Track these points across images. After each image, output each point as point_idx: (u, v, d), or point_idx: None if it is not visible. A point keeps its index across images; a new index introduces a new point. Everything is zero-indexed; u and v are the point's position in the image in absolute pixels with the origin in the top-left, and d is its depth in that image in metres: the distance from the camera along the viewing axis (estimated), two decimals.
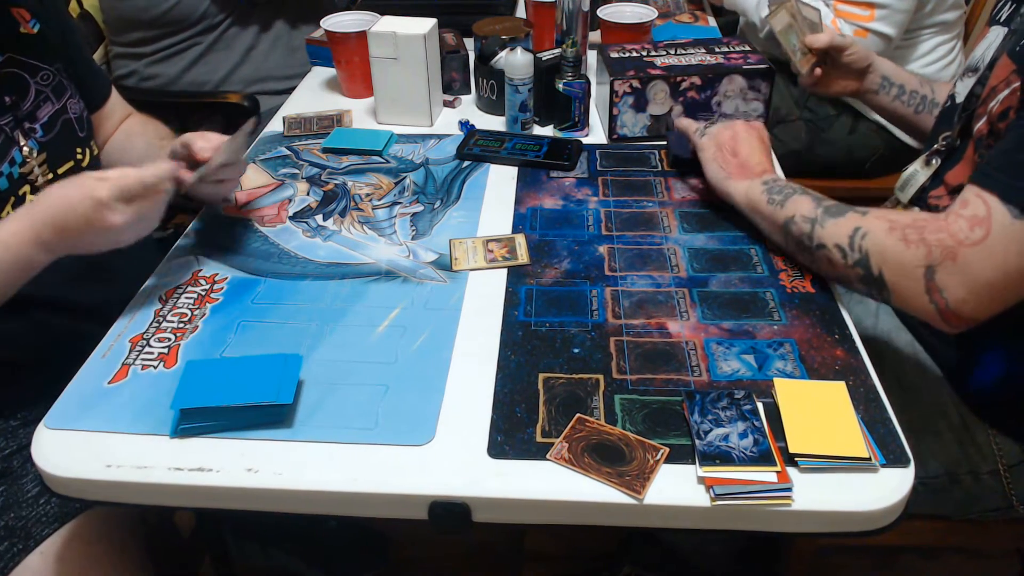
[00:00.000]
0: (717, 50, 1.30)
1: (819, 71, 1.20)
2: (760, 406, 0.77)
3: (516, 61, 1.24)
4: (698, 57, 1.28)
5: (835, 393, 0.78)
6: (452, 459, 0.74)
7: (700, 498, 0.70)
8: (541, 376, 0.82)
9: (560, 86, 1.25)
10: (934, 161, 0.97)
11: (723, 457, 0.72)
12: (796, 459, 0.72)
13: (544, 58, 1.31)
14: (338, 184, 1.18)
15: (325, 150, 1.27)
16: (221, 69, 1.73)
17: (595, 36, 1.53)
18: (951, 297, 0.77)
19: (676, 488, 0.71)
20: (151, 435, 0.77)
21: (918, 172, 0.99)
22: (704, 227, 1.05)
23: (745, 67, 1.24)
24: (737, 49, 1.30)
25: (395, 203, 1.13)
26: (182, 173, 0.92)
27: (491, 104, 1.37)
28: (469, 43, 1.47)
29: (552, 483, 0.72)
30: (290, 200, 1.14)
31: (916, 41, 1.65)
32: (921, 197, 0.98)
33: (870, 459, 0.72)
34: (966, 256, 0.75)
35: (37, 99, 1.00)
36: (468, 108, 1.41)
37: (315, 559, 1.32)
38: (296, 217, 1.10)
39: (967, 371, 0.97)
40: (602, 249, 1.02)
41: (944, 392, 0.99)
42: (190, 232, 1.07)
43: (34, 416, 0.79)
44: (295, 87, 1.52)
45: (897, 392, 0.98)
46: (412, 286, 0.96)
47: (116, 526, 0.95)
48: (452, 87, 1.44)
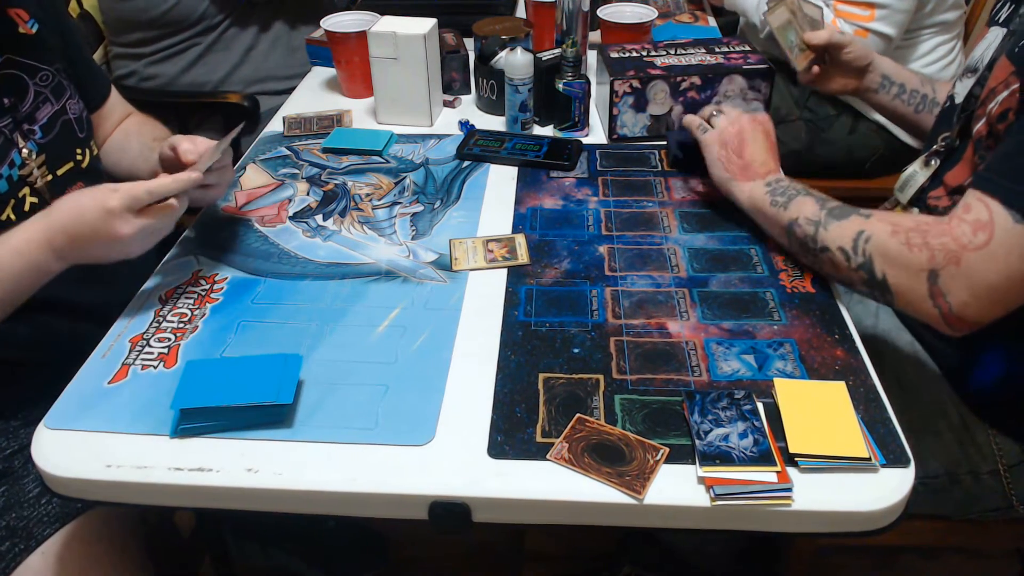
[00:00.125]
0: (717, 50, 1.30)
1: (817, 69, 1.19)
2: (760, 406, 0.77)
3: (516, 61, 1.24)
4: (698, 57, 1.28)
5: (835, 393, 0.78)
6: (452, 459, 0.74)
7: (700, 498, 0.70)
8: (541, 376, 0.82)
9: (560, 86, 1.25)
10: (933, 162, 0.97)
11: (723, 457, 0.72)
12: (796, 459, 0.72)
13: (544, 58, 1.31)
14: (338, 184, 1.18)
15: (325, 150, 1.27)
16: (221, 69, 1.73)
17: (595, 36, 1.53)
18: (954, 301, 0.77)
19: (676, 488, 0.71)
20: (151, 435, 0.77)
21: (917, 173, 0.99)
22: (704, 227, 1.05)
23: (745, 67, 1.24)
24: (737, 49, 1.30)
25: (395, 203, 1.13)
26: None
27: (491, 104, 1.37)
28: (469, 43, 1.47)
29: (552, 483, 0.72)
30: (290, 200, 1.14)
31: (916, 41, 1.65)
32: (920, 198, 0.98)
33: (870, 459, 0.72)
34: (969, 260, 0.75)
35: (36, 100, 0.99)
36: (468, 108, 1.41)
37: (315, 559, 1.32)
38: (296, 217, 1.10)
39: (967, 371, 0.97)
40: (602, 249, 1.02)
41: (944, 392, 0.99)
42: (190, 232, 1.07)
43: (35, 416, 0.79)
44: (295, 87, 1.52)
45: (897, 392, 0.98)
46: (412, 286, 0.96)
47: (117, 527, 0.95)
48: (452, 87, 1.44)
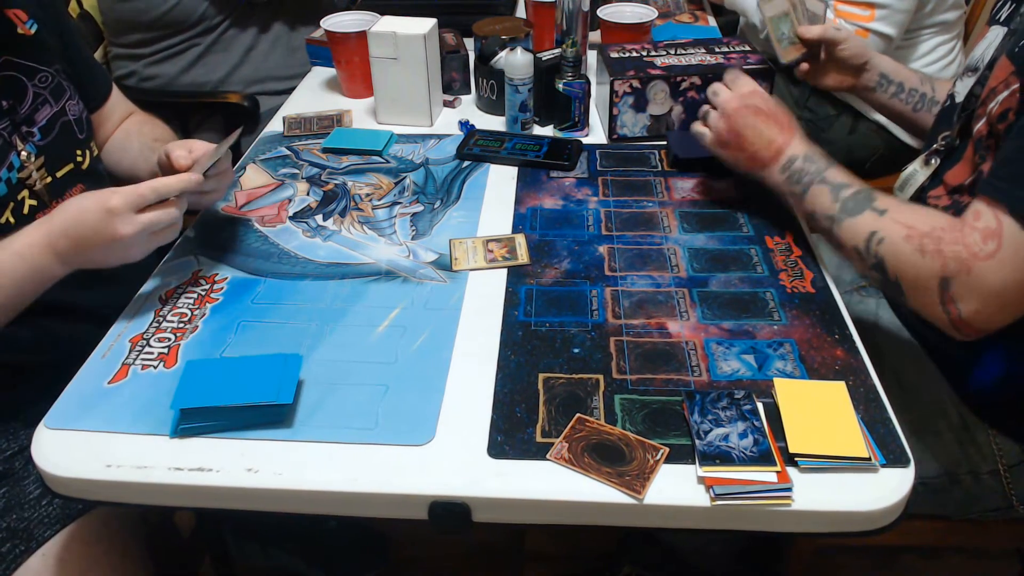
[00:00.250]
0: (717, 50, 1.30)
1: (806, 66, 1.18)
2: (760, 406, 0.77)
3: (516, 61, 1.24)
4: (698, 57, 1.28)
5: (835, 393, 0.78)
6: (452, 459, 0.74)
7: (700, 498, 0.70)
8: (541, 376, 0.82)
9: (560, 86, 1.25)
10: (933, 161, 0.97)
11: (723, 457, 0.72)
12: (796, 459, 0.72)
13: (544, 58, 1.31)
14: (338, 184, 1.18)
15: (325, 150, 1.27)
16: (220, 69, 1.73)
17: (595, 36, 1.53)
18: (964, 308, 0.77)
19: (676, 488, 0.71)
20: (151, 435, 0.77)
21: (917, 172, 0.99)
22: (704, 227, 1.05)
23: (745, 67, 1.24)
24: (737, 49, 1.30)
25: (395, 203, 1.13)
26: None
27: (491, 104, 1.37)
28: (469, 43, 1.47)
29: (552, 483, 0.72)
30: (290, 200, 1.14)
31: (916, 41, 1.65)
32: (920, 197, 0.98)
33: (870, 459, 0.72)
34: (980, 269, 0.76)
35: (35, 102, 0.99)
36: (468, 108, 1.41)
37: (315, 559, 1.32)
38: (296, 217, 1.10)
39: (967, 371, 0.97)
40: (602, 249, 1.02)
41: (944, 392, 0.99)
42: (190, 232, 1.07)
43: (35, 418, 0.79)
44: (295, 87, 1.52)
45: (897, 392, 0.98)
46: (412, 286, 0.96)
47: (117, 528, 0.95)
48: (452, 87, 1.44)
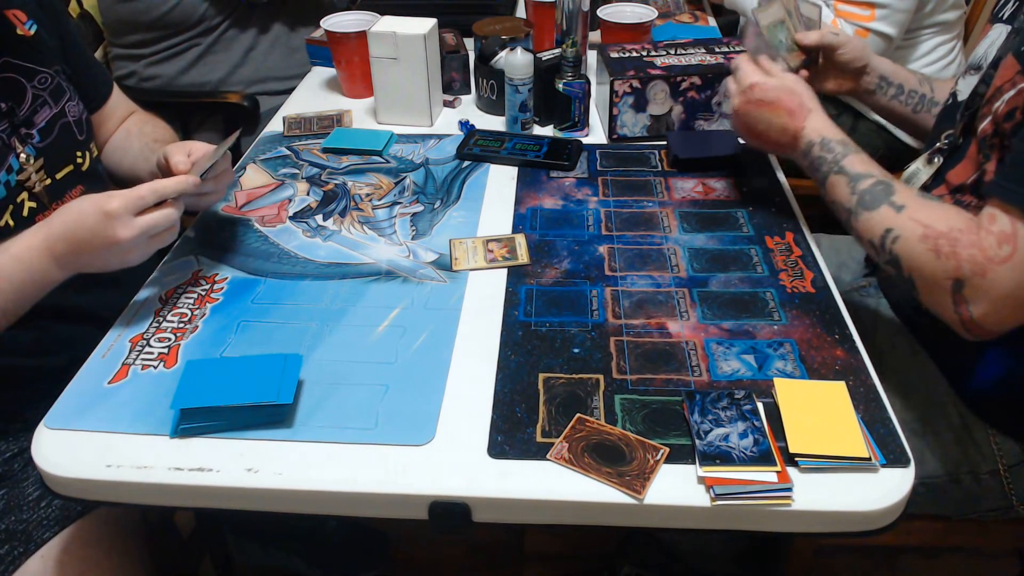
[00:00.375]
0: (717, 50, 1.30)
1: (806, 72, 1.16)
2: (760, 406, 0.77)
3: (516, 61, 1.24)
4: (698, 57, 1.28)
5: (835, 393, 0.78)
6: (452, 459, 0.74)
7: (700, 498, 0.70)
8: (541, 376, 0.82)
9: (560, 86, 1.25)
10: (936, 159, 0.97)
11: (723, 457, 0.72)
12: (796, 459, 0.72)
13: (544, 58, 1.31)
14: (338, 184, 1.18)
15: (325, 150, 1.27)
16: (220, 70, 1.73)
17: (595, 36, 1.53)
18: (976, 311, 0.77)
19: (676, 488, 0.71)
20: (151, 435, 0.77)
21: (920, 170, 0.98)
22: (704, 227, 1.05)
23: None
24: (737, 49, 1.30)
25: (395, 203, 1.13)
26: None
27: (491, 104, 1.37)
28: (469, 43, 1.47)
29: (552, 483, 0.72)
30: (290, 200, 1.14)
31: (916, 41, 1.65)
32: None
33: (870, 459, 0.72)
34: (995, 273, 0.76)
35: (34, 104, 0.98)
36: (468, 108, 1.41)
37: (315, 559, 1.32)
38: (296, 217, 1.10)
39: (967, 371, 0.97)
40: (602, 249, 1.02)
41: (944, 392, 0.99)
42: (190, 232, 1.07)
43: (34, 420, 0.79)
44: (295, 87, 1.52)
45: (897, 392, 0.98)
46: (412, 286, 0.96)
47: (117, 529, 0.94)
48: (452, 87, 1.44)
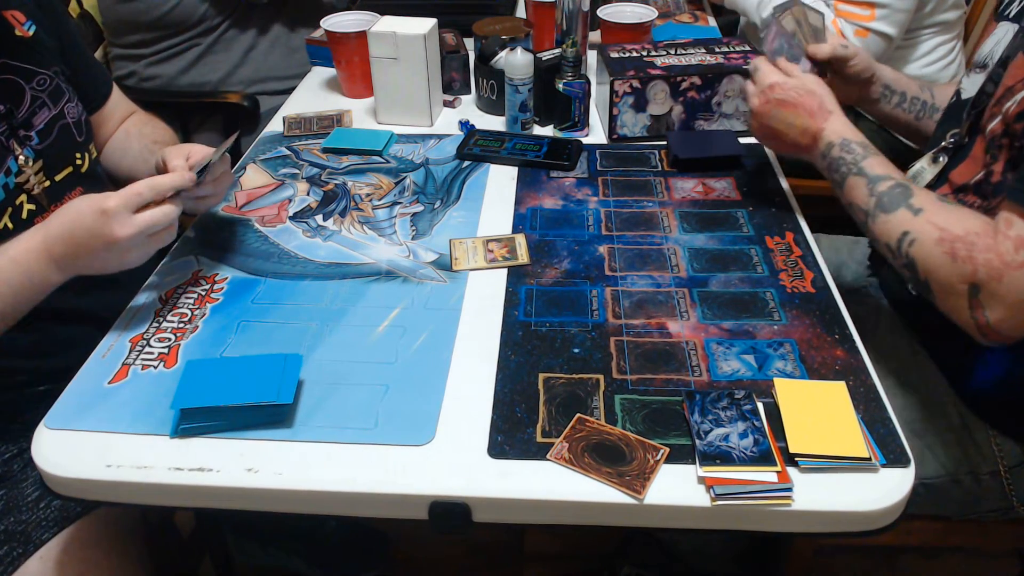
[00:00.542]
0: (717, 50, 1.30)
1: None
2: (760, 406, 0.77)
3: (516, 61, 1.24)
4: (698, 57, 1.28)
5: (835, 393, 0.78)
6: (452, 459, 0.74)
7: (700, 498, 0.70)
8: (541, 376, 0.82)
9: (560, 86, 1.25)
10: (941, 158, 0.96)
11: (723, 457, 0.72)
12: (796, 459, 0.72)
13: (544, 58, 1.31)
14: (338, 184, 1.18)
15: (325, 150, 1.27)
16: (221, 69, 1.73)
17: (595, 36, 1.53)
18: (992, 316, 0.77)
19: (676, 488, 0.71)
20: (151, 435, 0.77)
21: (925, 170, 0.98)
22: (704, 227, 1.05)
23: (745, 67, 1.24)
24: (737, 49, 1.30)
25: (395, 203, 1.13)
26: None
27: (491, 104, 1.37)
28: (469, 43, 1.47)
29: (552, 483, 0.72)
30: (290, 200, 1.14)
31: (916, 41, 1.65)
32: None
33: (870, 459, 0.72)
34: (1012, 278, 0.75)
35: (33, 105, 0.98)
36: (468, 108, 1.41)
37: (315, 559, 1.32)
38: (296, 217, 1.10)
39: (968, 371, 0.97)
40: (602, 249, 1.02)
41: (944, 392, 0.99)
42: (190, 232, 1.07)
43: (34, 420, 0.79)
44: (295, 87, 1.52)
45: (897, 392, 0.98)
46: (412, 286, 0.96)
47: (116, 530, 0.94)
48: (452, 87, 1.44)
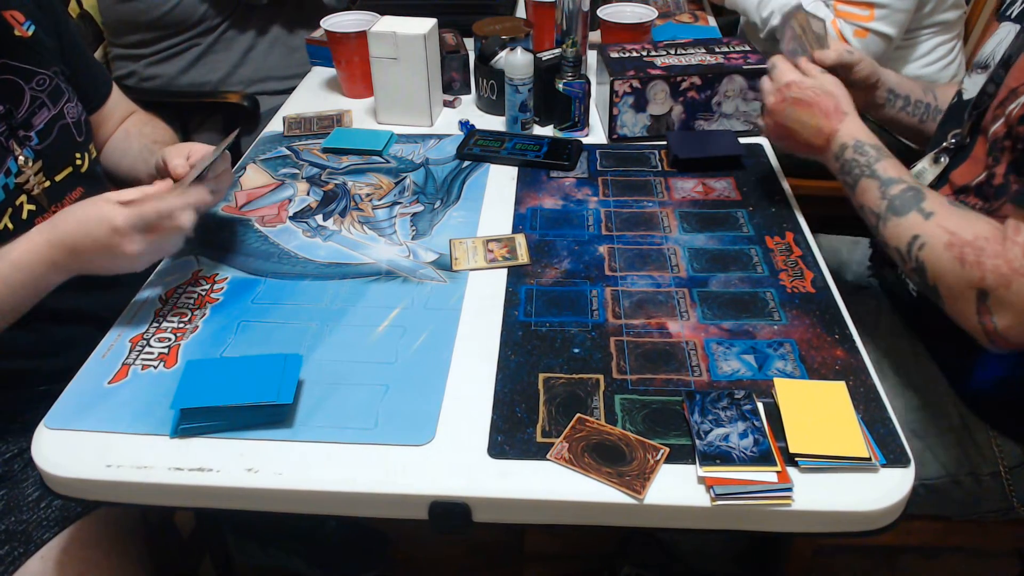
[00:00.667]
0: (717, 50, 1.30)
1: None
2: (760, 406, 0.77)
3: (516, 61, 1.24)
4: (698, 57, 1.28)
5: (835, 393, 0.78)
6: (452, 459, 0.74)
7: (700, 498, 0.70)
8: (541, 376, 0.82)
9: (560, 86, 1.25)
10: (942, 159, 0.96)
11: (723, 457, 0.72)
12: (796, 459, 0.72)
13: (544, 58, 1.31)
14: (338, 184, 1.18)
15: (325, 150, 1.27)
16: (220, 69, 1.73)
17: (595, 36, 1.53)
18: (1000, 323, 0.76)
19: (676, 488, 0.71)
20: (151, 435, 0.77)
21: (926, 170, 0.98)
22: (704, 227, 1.05)
23: (745, 67, 1.24)
24: (737, 49, 1.30)
25: (395, 203, 1.13)
26: (163, 187, 0.89)
27: (491, 104, 1.37)
28: (469, 43, 1.47)
29: (552, 483, 0.72)
30: (290, 200, 1.14)
31: (916, 41, 1.65)
32: None
33: (870, 459, 0.72)
34: (1020, 284, 0.75)
35: (32, 105, 0.97)
36: (468, 108, 1.41)
37: (315, 559, 1.32)
38: (296, 217, 1.10)
39: (968, 372, 0.97)
40: (602, 249, 1.02)
41: (945, 393, 0.99)
42: (190, 232, 1.06)
43: (34, 421, 0.79)
44: (295, 87, 1.52)
45: (897, 392, 0.98)
46: (412, 286, 0.96)
47: (116, 530, 0.94)
48: (452, 87, 1.44)
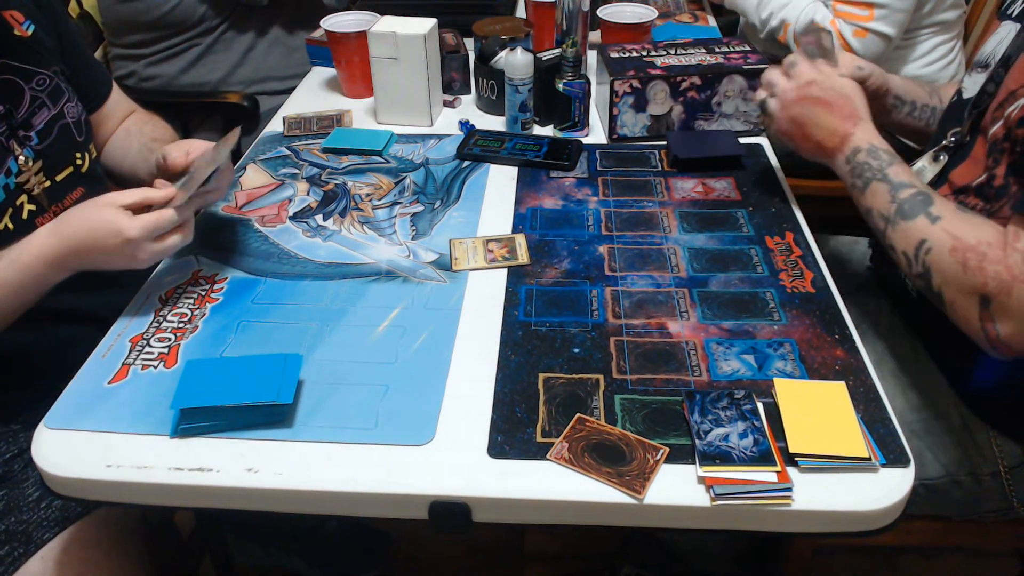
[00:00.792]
0: (717, 50, 1.30)
1: None
2: (760, 406, 0.77)
3: (516, 61, 1.24)
4: (698, 57, 1.28)
5: (835, 393, 0.78)
6: (452, 459, 0.74)
7: (700, 498, 0.70)
8: (541, 376, 0.82)
9: (560, 86, 1.25)
10: (941, 157, 0.96)
11: (723, 457, 0.72)
12: (796, 459, 0.72)
13: (544, 58, 1.31)
14: (338, 184, 1.18)
15: (325, 150, 1.27)
16: (220, 69, 1.73)
17: (595, 36, 1.53)
18: (1003, 330, 0.76)
19: (676, 488, 0.71)
20: (151, 435, 0.77)
21: (926, 168, 0.98)
22: (704, 227, 1.05)
23: (745, 67, 1.24)
24: (737, 49, 1.30)
25: (395, 203, 1.13)
26: (168, 193, 0.89)
27: (491, 104, 1.37)
28: (469, 43, 1.47)
29: (552, 483, 0.72)
30: (290, 200, 1.14)
31: (915, 41, 1.65)
32: None
33: (870, 459, 0.72)
34: (1020, 292, 0.75)
35: (32, 105, 0.97)
36: (468, 108, 1.41)
37: (315, 559, 1.32)
38: (296, 217, 1.10)
39: (968, 372, 0.97)
40: (602, 249, 1.02)
41: (945, 393, 0.99)
42: None
43: (34, 420, 0.79)
44: (295, 87, 1.52)
45: (897, 392, 0.98)
46: (412, 286, 0.96)
47: (116, 530, 0.94)
48: (452, 87, 1.44)
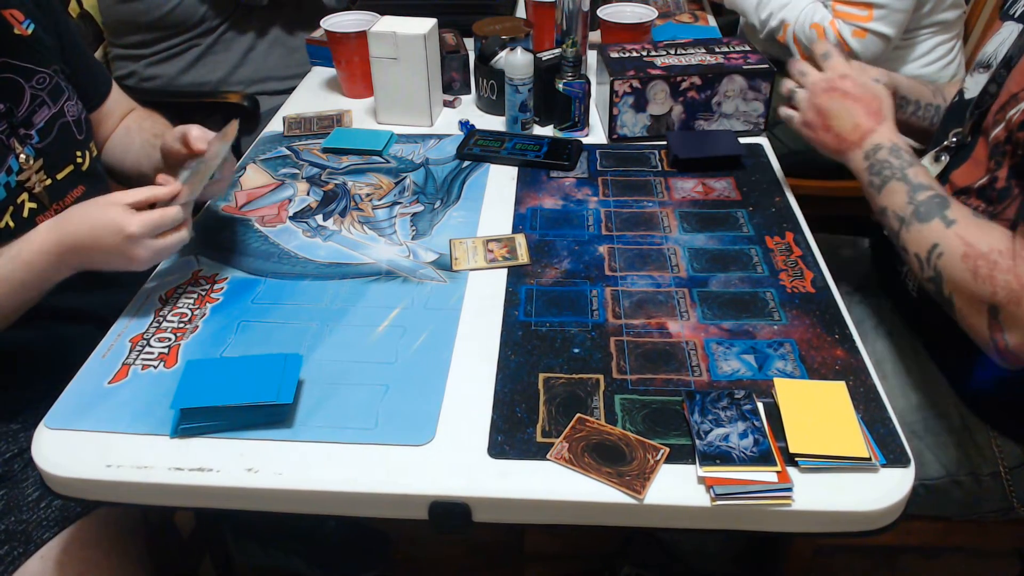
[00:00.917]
0: (717, 50, 1.30)
1: None
2: (760, 406, 0.77)
3: (516, 61, 1.24)
4: (698, 57, 1.28)
5: (835, 393, 0.78)
6: (452, 459, 0.74)
7: (700, 498, 0.70)
8: (541, 376, 0.82)
9: (560, 86, 1.25)
10: (943, 157, 0.96)
11: (723, 457, 0.72)
12: (796, 459, 0.72)
13: (544, 58, 1.31)
14: (338, 184, 1.18)
15: (325, 150, 1.27)
16: (220, 70, 1.73)
17: (595, 36, 1.53)
18: (1012, 340, 0.76)
19: (676, 488, 0.71)
20: (151, 435, 0.77)
21: (928, 168, 0.98)
22: (704, 227, 1.05)
23: (745, 67, 1.24)
24: (737, 49, 1.30)
25: (395, 203, 1.13)
26: (174, 188, 0.90)
27: (491, 104, 1.37)
28: (469, 43, 1.47)
29: (552, 483, 0.72)
30: (290, 200, 1.14)
31: (915, 41, 1.65)
32: None
33: (870, 459, 0.72)
34: None
35: (32, 104, 0.98)
36: (468, 108, 1.41)
37: (315, 559, 1.32)
38: (296, 217, 1.10)
39: (968, 372, 0.97)
40: (602, 249, 1.02)
41: (945, 393, 0.99)
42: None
43: (34, 420, 0.79)
44: (295, 87, 1.52)
45: (897, 392, 0.98)
46: (412, 286, 0.96)
47: (116, 530, 0.94)
48: (452, 87, 1.44)
